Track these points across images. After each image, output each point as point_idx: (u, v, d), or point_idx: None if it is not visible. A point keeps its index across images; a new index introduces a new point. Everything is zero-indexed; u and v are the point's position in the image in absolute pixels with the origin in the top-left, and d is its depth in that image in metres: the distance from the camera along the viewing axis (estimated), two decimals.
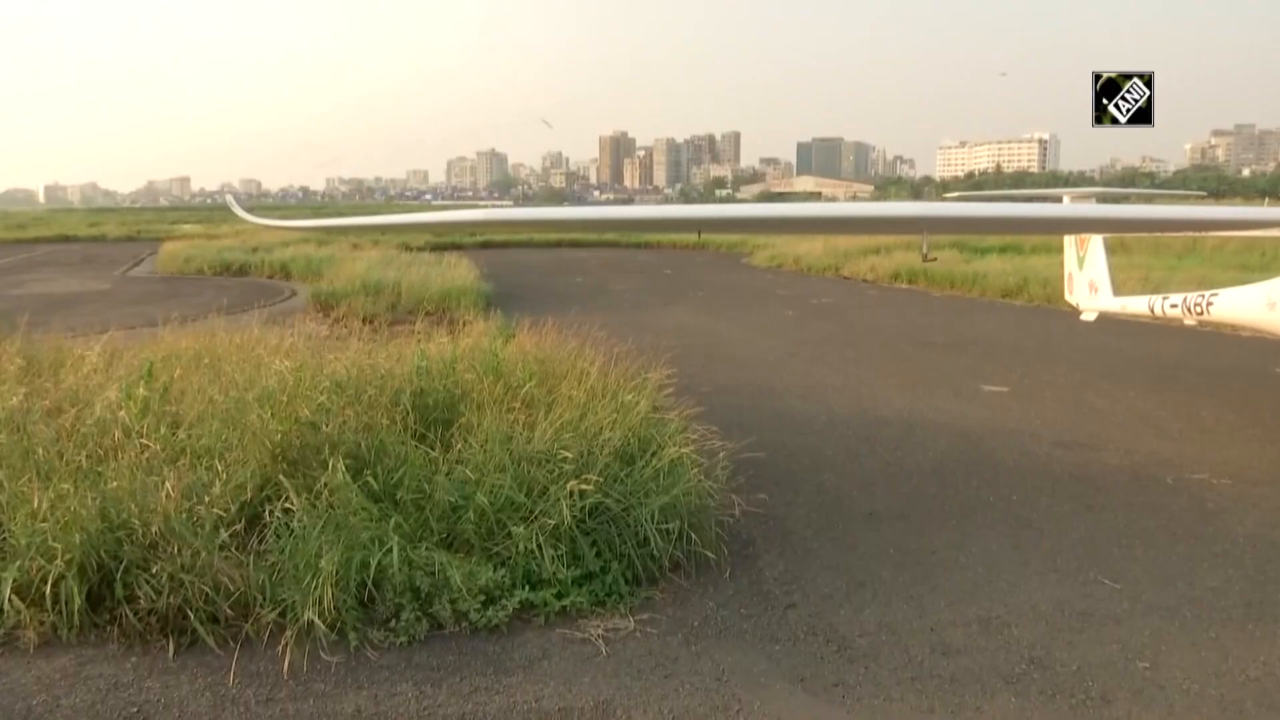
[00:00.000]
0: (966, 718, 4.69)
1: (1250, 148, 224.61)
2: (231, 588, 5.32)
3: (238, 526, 5.67)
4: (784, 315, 21.91)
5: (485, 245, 41.67)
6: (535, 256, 40.13)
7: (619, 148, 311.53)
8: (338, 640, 5.25)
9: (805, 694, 4.92)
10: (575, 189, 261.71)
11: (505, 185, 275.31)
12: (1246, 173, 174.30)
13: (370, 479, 6.09)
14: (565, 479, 6.08)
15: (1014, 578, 6.40)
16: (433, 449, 6.57)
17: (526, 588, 5.76)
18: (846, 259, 31.58)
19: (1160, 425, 10.63)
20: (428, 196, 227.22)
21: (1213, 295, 11.56)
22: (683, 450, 6.67)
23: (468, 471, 6.22)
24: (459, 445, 6.59)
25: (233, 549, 5.52)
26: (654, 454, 6.60)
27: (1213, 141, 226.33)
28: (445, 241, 37.60)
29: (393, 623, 5.42)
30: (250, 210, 14.11)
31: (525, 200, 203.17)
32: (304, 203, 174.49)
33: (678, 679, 5.05)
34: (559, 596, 5.73)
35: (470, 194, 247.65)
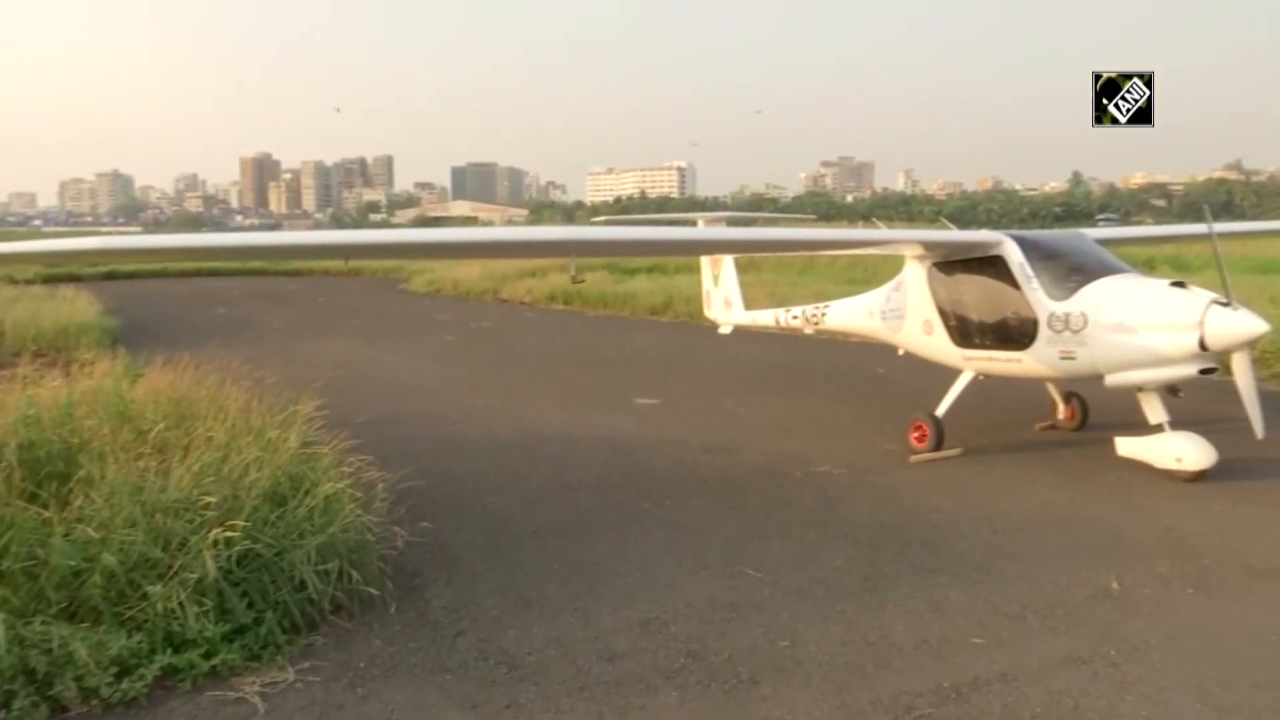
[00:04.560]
0: (633, 718, 4.90)
1: (852, 176, 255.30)
2: None
3: None
4: (444, 340, 21.80)
5: (110, 276, 37.86)
6: (170, 287, 36.94)
7: (263, 170, 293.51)
8: None
9: None
10: (215, 213, 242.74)
11: (133, 210, 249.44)
12: (850, 199, 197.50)
13: None
14: (208, 527, 5.63)
15: (670, 578, 6.79)
16: (46, 508, 5.81)
17: (169, 651, 5.25)
18: (504, 282, 32.08)
19: (790, 426, 11.78)
20: (37, 222, 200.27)
21: (825, 307, 12.97)
22: (338, 485, 6.41)
23: (90, 530, 5.55)
24: (79, 501, 5.86)
25: None
26: (307, 492, 6.28)
27: (822, 171, 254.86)
28: (60, 273, 33.68)
29: (2, 714, 4.72)
30: None
31: (157, 226, 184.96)
32: None
33: None
34: (207, 656, 5.28)
35: (90, 220, 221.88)
